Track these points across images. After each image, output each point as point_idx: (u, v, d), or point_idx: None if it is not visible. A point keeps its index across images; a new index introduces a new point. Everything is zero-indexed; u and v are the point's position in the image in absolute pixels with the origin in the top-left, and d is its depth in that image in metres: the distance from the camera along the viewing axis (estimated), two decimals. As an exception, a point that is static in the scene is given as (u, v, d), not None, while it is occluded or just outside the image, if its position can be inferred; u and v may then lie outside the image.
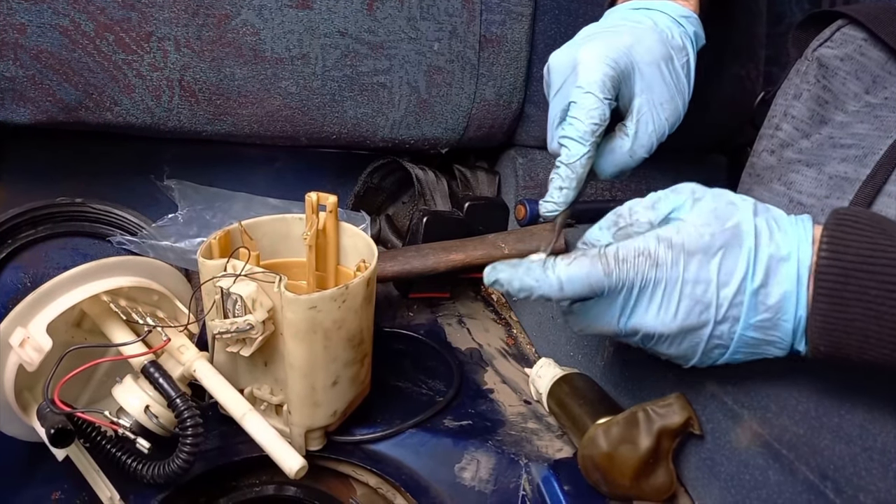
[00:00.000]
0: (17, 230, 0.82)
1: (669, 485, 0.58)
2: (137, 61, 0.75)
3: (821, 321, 0.46)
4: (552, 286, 0.50)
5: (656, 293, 0.49)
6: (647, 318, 0.50)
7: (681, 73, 0.63)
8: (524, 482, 0.64)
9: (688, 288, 0.48)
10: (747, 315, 0.48)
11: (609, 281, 0.49)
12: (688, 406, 0.57)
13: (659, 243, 0.48)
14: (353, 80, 0.85)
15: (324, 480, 0.68)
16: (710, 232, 0.48)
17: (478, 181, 1.03)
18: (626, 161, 0.62)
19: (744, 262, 0.47)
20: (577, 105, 0.57)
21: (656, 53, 0.61)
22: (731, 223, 0.48)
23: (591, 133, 0.57)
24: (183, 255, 0.81)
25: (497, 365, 0.84)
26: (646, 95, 0.61)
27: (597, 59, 0.58)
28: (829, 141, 0.70)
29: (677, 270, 0.48)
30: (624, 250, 0.49)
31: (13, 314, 0.55)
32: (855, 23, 0.70)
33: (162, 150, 0.91)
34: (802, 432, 0.51)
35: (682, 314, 0.49)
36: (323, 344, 0.58)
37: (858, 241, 0.45)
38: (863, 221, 0.46)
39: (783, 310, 0.47)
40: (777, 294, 0.47)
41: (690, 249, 0.48)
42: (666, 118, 0.62)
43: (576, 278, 0.49)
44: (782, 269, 0.47)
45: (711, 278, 0.48)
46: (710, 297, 0.48)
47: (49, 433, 0.53)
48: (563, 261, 0.50)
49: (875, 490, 0.45)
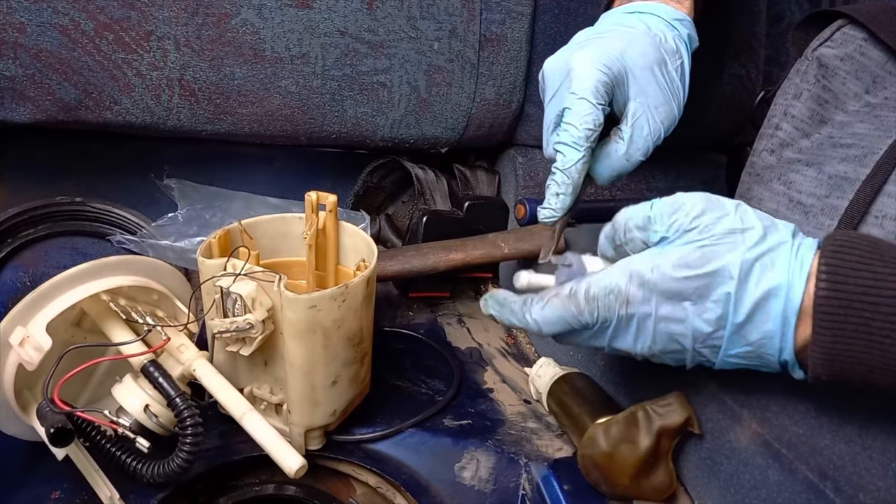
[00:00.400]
0: (16, 229, 0.81)
1: (669, 484, 0.58)
2: (137, 60, 0.75)
3: (822, 353, 0.44)
4: (531, 329, 0.53)
5: (630, 327, 0.50)
6: (625, 343, 0.51)
7: (675, 76, 0.63)
8: (524, 481, 0.64)
9: (661, 324, 0.49)
10: (727, 347, 0.48)
11: (582, 319, 0.50)
12: (687, 405, 0.57)
13: (630, 281, 0.49)
14: (353, 80, 0.85)
15: (323, 480, 0.68)
16: (685, 276, 0.47)
17: (478, 180, 1.02)
18: (623, 165, 0.62)
19: (719, 307, 0.47)
20: (572, 111, 0.58)
21: (649, 58, 0.61)
22: (712, 265, 0.46)
23: (586, 138, 0.58)
24: (183, 254, 0.81)
25: (497, 364, 0.84)
26: (640, 99, 0.61)
27: (590, 64, 0.59)
28: (828, 141, 0.70)
29: (649, 308, 0.48)
30: (595, 288, 0.50)
31: (13, 313, 0.55)
32: (855, 23, 0.70)
33: (162, 149, 0.91)
34: (802, 432, 0.51)
35: (660, 344, 0.50)
36: (323, 343, 0.58)
37: (858, 271, 0.43)
38: (862, 249, 0.44)
39: (766, 346, 0.47)
40: (759, 333, 0.47)
41: (662, 290, 0.48)
42: (661, 121, 0.62)
43: (551, 320, 0.51)
44: (769, 308, 0.46)
45: (685, 318, 0.48)
46: (685, 331, 0.48)
47: (49, 432, 0.53)
48: (538, 304, 0.52)
49: (874, 489, 0.45)
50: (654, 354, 0.51)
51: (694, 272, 0.47)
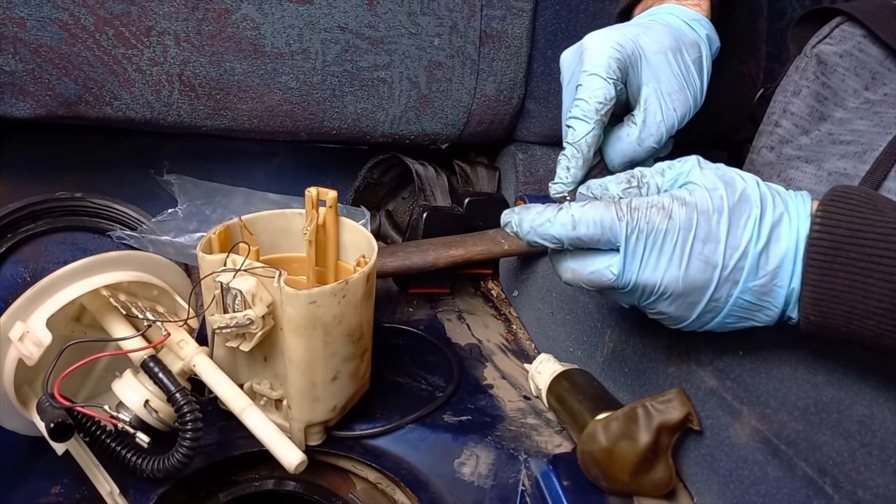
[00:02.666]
0: (16, 224, 0.82)
1: (668, 480, 0.58)
2: (137, 56, 0.75)
3: (811, 291, 0.47)
4: (565, 224, 0.50)
5: (666, 245, 0.49)
6: (653, 272, 0.50)
7: (691, 66, 0.62)
8: (523, 477, 0.64)
9: (698, 246, 0.49)
10: (747, 278, 0.49)
11: (620, 225, 0.49)
12: (687, 402, 0.57)
13: (673, 200, 0.49)
14: (354, 76, 0.85)
15: (323, 475, 0.68)
16: (720, 195, 0.49)
17: (478, 177, 1.02)
18: (635, 150, 0.62)
19: (751, 225, 0.48)
20: (583, 87, 0.58)
21: (664, 43, 0.61)
22: (739, 188, 0.49)
23: (596, 111, 0.58)
24: (182, 249, 0.81)
25: (496, 361, 0.84)
26: (653, 84, 0.61)
27: (602, 43, 0.59)
28: (828, 137, 0.70)
29: (690, 226, 0.49)
30: (637, 201, 0.50)
31: (13, 308, 0.55)
32: (853, 20, 0.70)
33: (161, 144, 0.91)
34: (801, 428, 0.51)
35: (691, 271, 0.49)
36: (322, 339, 0.58)
37: (849, 216, 0.46)
38: (856, 198, 0.47)
39: (779, 275, 0.49)
40: (776, 259, 0.48)
41: (703, 209, 0.49)
42: (675, 108, 0.61)
43: (589, 219, 0.50)
44: (782, 235, 0.48)
45: (721, 238, 0.48)
46: (717, 258, 0.49)
47: (49, 427, 0.53)
48: (578, 203, 0.51)
49: (874, 486, 0.45)
50: (672, 293, 0.50)
51: (727, 194, 0.49)
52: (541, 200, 0.91)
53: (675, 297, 0.51)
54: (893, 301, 0.44)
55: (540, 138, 1.01)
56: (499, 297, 1.01)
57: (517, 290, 0.96)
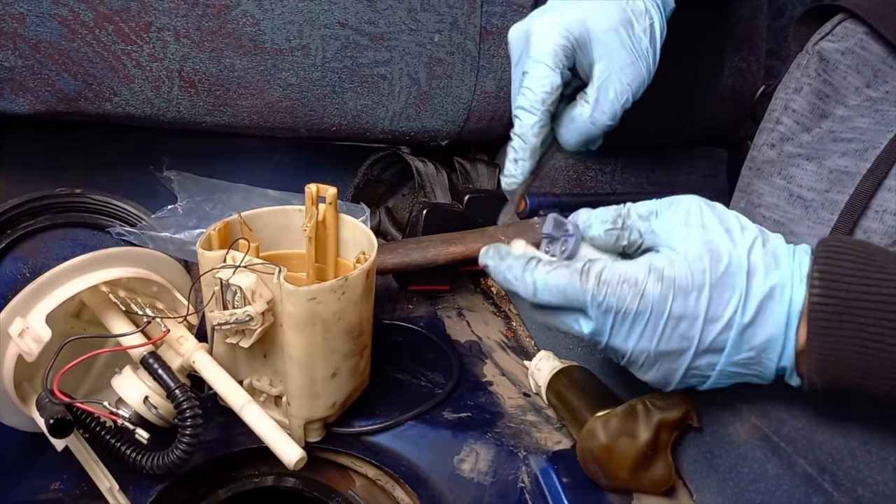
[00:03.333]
0: (16, 221, 0.81)
1: (668, 477, 0.58)
2: (137, 52, 0.75)
3: (817, 359, 0.44)
4: (527, 289, 0.49)
5: (637, 323, 0.47)
6: (623, 342, 0.49)
7: (643, 37, 0.61)
8: (523, 474, 0.65)
9: (672, 323, 0.47)
10: (730, 352, 0.47)
11: (584, 298, 0.47)
12: (687, 399, 0.57)
13: (649, 273, 0.47)
14: (354, 72, 0.85)
15: (323, 472, 0.68)
16: (703, 268, 0.46)
17: (478, 174, 1.02)
18: (589, 129, 0.61)
19: (735, 300, 0.46)
20: (529, 75, 0.58)
21: (614, 19, 0.60)
22: (724, 260, 0.46)
23: (542, 101, 0.57)
24: (182, 246, 0.81)
25: (496, 357, 0.84)
26: (605, 62, 0.60)
27: (549, 28, 0.58)
28: (829, 135, 0.70)
29: (664, 306, 0.46)
30: (608, 272, 0.47)
31: (12, 304, 0.55)
32: (855, 17, 0.70)
33: (161, 141, 0.90)
34: (801, 426, 0.51)
35: (663, 345, 0.48)
36: (322, 336, 0.58)
37: (851, 276, 0.43)
38: (853, 254, 0.44)
39: (768, 350, 0.46)
40: (763, 335, 0.46)
41: (681, 285, 0.46)
42: (628, 84, 0.60)
43: (552, 287, 0.48)
44: (773, 309, 0.46)
45: (699, 314, 0.46)
46: (694, 333, 0.47)
47: (48, 423, 0.53)
48: (545, 267, 0.49)
49: (873, 483, 0.45)
50: (646, 360, 0.49)
51: (713, 264, 0.46)
52: (541, 197, 0.91)
53: (649, 365, 0.50)
54: None
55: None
56: (499, 293, 1.01)
57: (517, 287, 0.96)
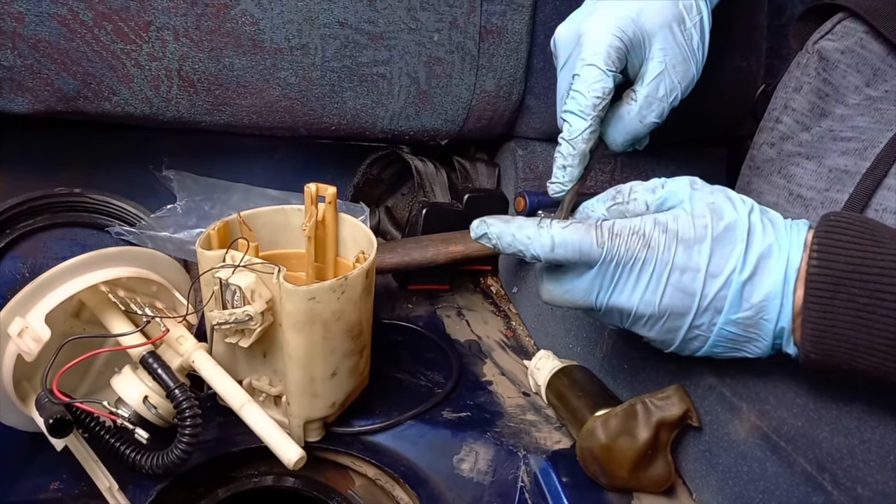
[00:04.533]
0: (15, 220, 0.81)
1: (667, 476, 0.58)
2: (136, 51, 0.75)
3: (811, 328, 0.46)
4: (544, 245, 0.50)
5: (643, 274, 0.49)
6: (629, 296, 0.50)
7: (694, 33, 0.60)
8: (522, 473, 0.64)
9: (675, 275, 0.48)
10: (729, 309, 0.48)
11: (599, 252, 0.49)
12: (686, 398, 0.57)
13: (655, 226, 0.49)
14: (353, 71, 0.85)
15: (322, 471, 0.68)
16: (705, 224, 0.48)
17: (477, 173, 1.02)
18: (637, 127, 0.60)
19: (735, 256, 0.48)
20: (580, 78, 0.56)
21: (667, 15, 0.58)
22: (726, 218, 0.49)
23: (593, 107, 0.56)
24: (182, 245, 0.81)
25: (496, 357, 0.84)
26: (657, 59, 0.58)
27: (602, 29, 0.56)
28: (829, 134, 0.70)
29: (668, 255, 0.48)
30: (619, 226, 0.49)
31: (11, 304, 0.55)
32: (855, 16, 0.70)
33: (160, 140, 0.90)
34: (801, 424, 0.51)
35: (667, 298, 0.49)
36: (322, 335, 0.58)
37: (849, 249, 0.45)
38: (854, 228, 0.46)
39: (766, 309, 0.48)
40: (762, 292, 0.47)
41: (684, 238, 0.48)
42: (679, 81, 0.60)
43: (568, 242, 0.49)
44: (771, 267, 0.47)
45: (700, 267, 0.48)
46: (696, 287, 0.48)
47: (48, 423, 0.53)
48: (559, 224, 0.50)
49: (873, 482, 0.45)
50: (650, 317, 0.50)
51: (715, 221, 0.48)
52: (540, 196, 0.91)
53: (653, 321, 0.51)
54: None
55: (540, 134, 1.00)
56: (498, 293, 1.01)
57: (517, 287, 0.96)
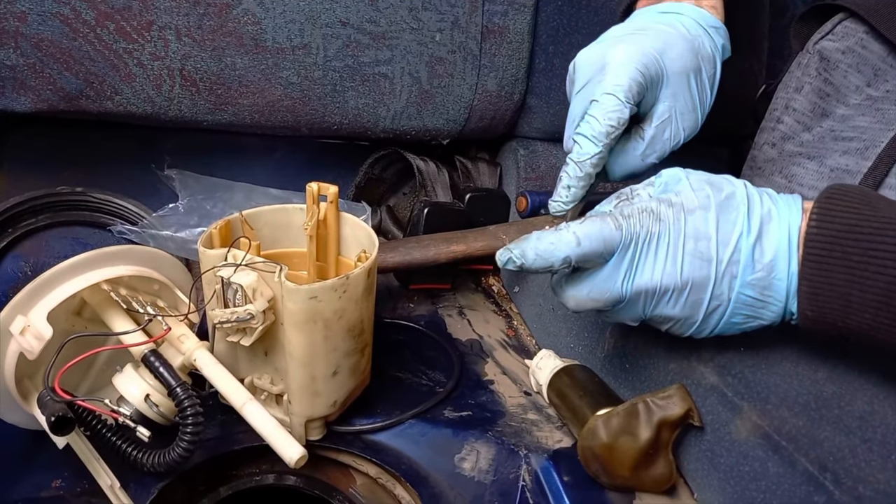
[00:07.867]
0: (17, 219, 0.81)
1: (669, 476, 0.58)
2: (138, 50, 0.75)
3: (807, 286, 0.48)
4: (569, 242, 0.51)
5: (661, 247, 0.51)
6: (651, 274, 0.51)
7: (706, 85, 0.62)
8: (524, 473, 0.64)
9: (690, 243, 0.50)
10: (744, 272, 0.50)
11: (619, 235, 0.50)
12: (688, 398, 0.57)
13: (660, 203, 0.51)
14: (355, 71, 0.85)
15: (324, 470, 0.68)
16: (706, 194, 0.51)
17: (479, 172, 1.02)
18: (637, 164, 0.62)
19: (740, 220, 0.50)
20: (599, 104, 0.57)
21: (687, 63, 0.60)
22: (725, 189, 0.52)
23: (606, 135, 0.57)
24: (183, 244, 0.81)
25: (497, 356, 0.84)
26: (669, 103, 0.60)
27: (627, 62, 0.57)
28: (830, 134, 0.70)
29: (679, 225, 0.50)
30: (628, 209, 0.52)
31: (13, 302, 0.55)
32: (856, 16, 0.70)
33: (162, 139, 0.91)
34: (802, 424, 0.51)
35: (686, 267, 0.51)
36: (323, 334, 0.58)
37: (845, 212, 0.47)
38: (851, 195, 0.48)
39: (776, 268, 0.50)
40: (770, 251, 0.50)
41: (689, 207, 0.51)
42: (684, 128, 0.62)
43: (592, 235, 0.51)
44: (774, 229, 0.50)
45: (711, 234, 0.50)
46: (710, 252, 0.50)
47: (49, 421, 0.53)
48: (575, 222, 0.52)
49: (874, 481, 0.45)
50: (675, 290, 0.51)
51: (713, 193, 0.51)
52: (542, 196, 0.91)
53: (677, 295, 0.52)
54: (888, 294, 0.45)
55: (541, 134, 1.01)
56: (500, 292, 1.01)
57: (518, 286, 0.96)
